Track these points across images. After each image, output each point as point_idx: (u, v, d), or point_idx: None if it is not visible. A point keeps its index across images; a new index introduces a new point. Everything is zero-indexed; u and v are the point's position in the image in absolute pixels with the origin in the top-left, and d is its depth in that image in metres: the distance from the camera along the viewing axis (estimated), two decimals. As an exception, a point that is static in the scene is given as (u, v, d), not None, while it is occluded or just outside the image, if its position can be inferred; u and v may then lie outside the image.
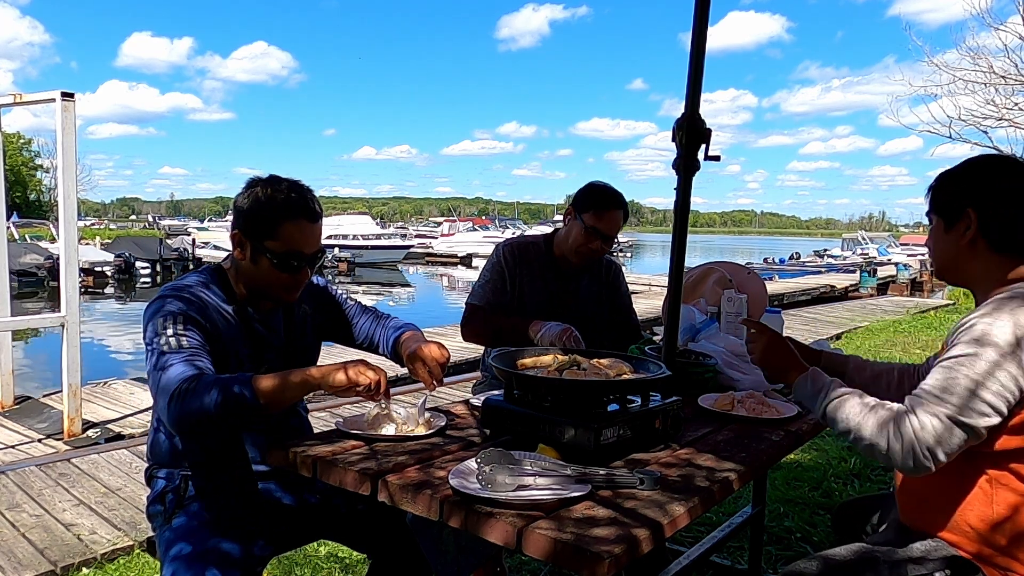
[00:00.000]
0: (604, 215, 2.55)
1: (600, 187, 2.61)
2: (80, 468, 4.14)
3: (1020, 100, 13.73)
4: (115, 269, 24.33)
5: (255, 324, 1.78)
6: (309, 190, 1.75)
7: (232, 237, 1.75)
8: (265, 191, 1.70)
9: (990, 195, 1.46)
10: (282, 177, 1.75)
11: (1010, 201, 1.45)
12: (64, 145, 4.75)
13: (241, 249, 1.74)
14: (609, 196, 2.58)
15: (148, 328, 1.63)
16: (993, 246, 1.47)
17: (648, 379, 1.65)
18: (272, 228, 1.69)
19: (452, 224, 50.39)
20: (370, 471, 1.40)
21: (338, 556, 2.93)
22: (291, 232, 1.70)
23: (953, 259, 1.54)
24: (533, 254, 2.66)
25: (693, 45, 2.04)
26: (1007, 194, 1.46)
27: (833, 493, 3.66)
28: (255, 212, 1.70)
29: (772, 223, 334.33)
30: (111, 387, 6.33)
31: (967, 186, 1.50)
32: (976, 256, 1.49)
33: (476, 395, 2.17)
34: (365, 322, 2.03)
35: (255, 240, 1.71)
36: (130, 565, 3.01)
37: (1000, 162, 1.53)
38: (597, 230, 2.54)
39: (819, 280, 20.97)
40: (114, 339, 13.66)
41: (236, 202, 1.75)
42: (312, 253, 1.74)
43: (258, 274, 1.73)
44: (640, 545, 1.14)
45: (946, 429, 1.32)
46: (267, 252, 1.70)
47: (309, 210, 1.72)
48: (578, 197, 2.61)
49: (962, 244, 1.49)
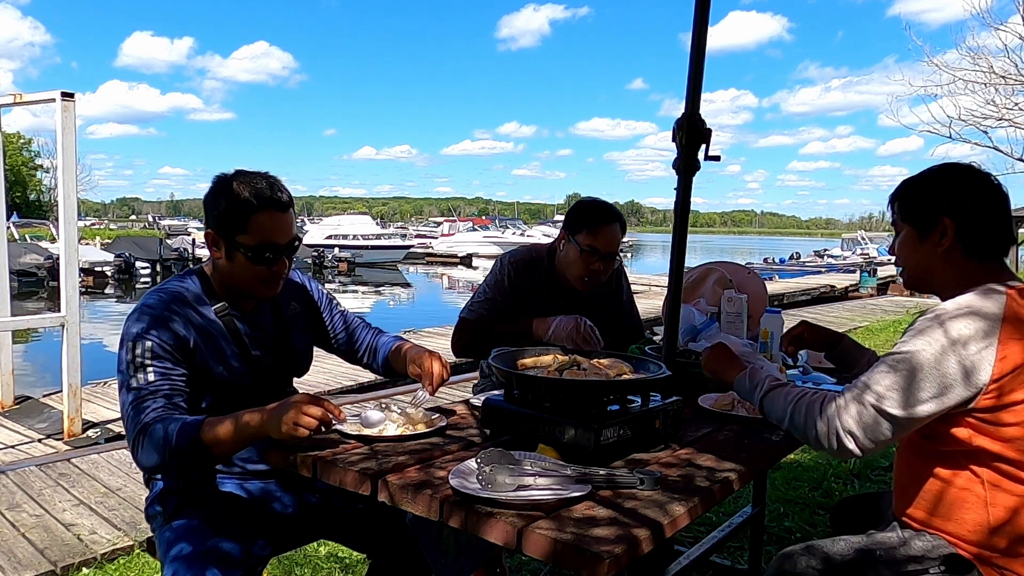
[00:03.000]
0: (599, 232, 2.38)
1: (590, 203, 2.47)
2: (80, 468, 4.14)
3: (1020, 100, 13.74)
4: (115, 269, 24.34)
5: (240, 324, 1.76)
6: (276, 180, 1.73)
7: (206, 237, 1.74)
8: (231, 186, 1.68)
9: (965, 204, 1.48)
10: (248, 170, 1.73)
11: (984, 209, 1.49)
12: (64, 145, 4.75)
13: (216, 248, 1.72)
14: (602, 210, 2.43)
15: (122, 351, 1.62)
16: (968, 254, 1.49)
17: (648, 379, 1.65)
18: (242, 222, 1.67)
19: (452, 224, 50.43)
20: (370, 471, 1.40)
21: (338, 556, 2.93)
22: (261, 223, 1.67)
23: (927, 268, 1.55)
24: (538, 272, 2.52)
25: (693, 45, 2.04)
26: (981, 203, 1.49)
27: (833, 493, 3.66)
28: (224, 208, 1.68)
29: (772, 223, 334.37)
30: (111, 387, 6.33)
31: (941, 196, 1.50)
32: (950, 264, 1.51)
33: (476, 395, 2.17)
34: (359, 331, 2.03)
35: (228, 237, 1.69)
36: (130, 565, 3.01)
37: (969, 171, 1.54)
38: (595, 249, 2.37)
39: (819, 280, 20.98)
40: (114, 339, 13.60)
41: (205, 200, 1.73)
42: (286, 243, 1.72)
43: (235, 271, 1.71)
44: (640, 545, 1.14)
45: (868, 415, 1.38)
46: (241, 247, 1.68)
47: (276, 200, 1.69)
48: (569, 218, 2.46)
49: (938, 253, 1.51)
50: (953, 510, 1.46)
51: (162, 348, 1.61)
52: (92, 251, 24.59)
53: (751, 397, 1.63)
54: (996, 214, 1.50)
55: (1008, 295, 1.42)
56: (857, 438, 1.38)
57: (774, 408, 1.54)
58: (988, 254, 1.50)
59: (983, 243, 1.49)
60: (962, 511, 1.45)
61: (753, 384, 1.62)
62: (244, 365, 1.74)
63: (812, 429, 1.44)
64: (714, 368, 1.77)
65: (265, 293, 1.76)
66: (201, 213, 2.06)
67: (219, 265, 1.74)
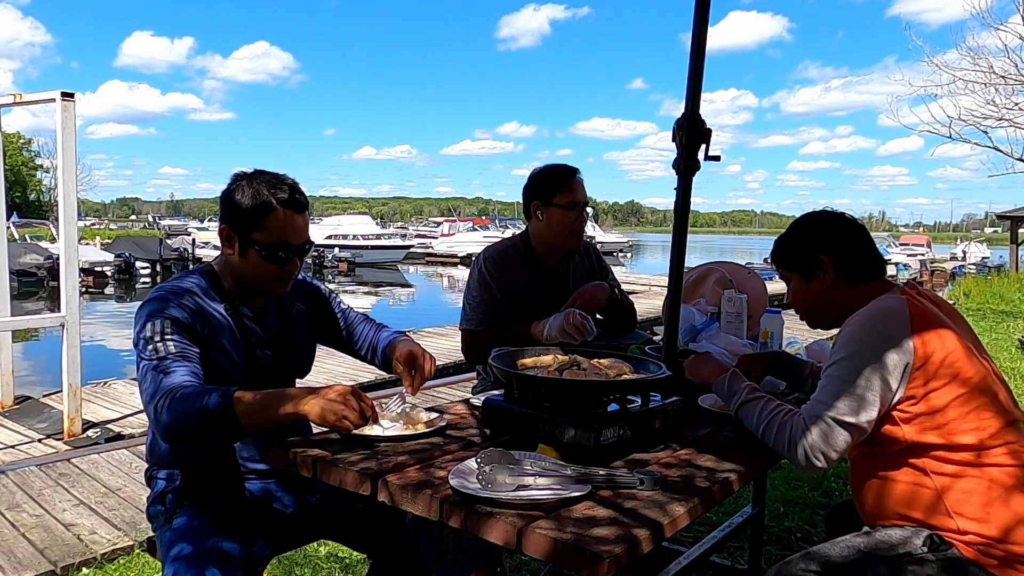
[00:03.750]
0: (571, 184, 2.51)
1: (550, 168, 2.57)
2: (80, 468, 4.14)
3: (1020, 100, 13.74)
4: (115, 269, 24.34)
5: (247, 321, 1.78)
6: (295, 182, 1.75)
7: (220, 233, 1.75)
8: (251, 183, 1.70)
9: (834, 239, 1.72)
10: (267, 170, 1.75)
11: (851, 238, 1.72)
12: (64, 145, 4.75)
13: (229, 244, 1.73)
14: (563, 168, 2.55)
15: (138, 331, 1.62)
16: (849, 280, 1.70)
17: (648, 379, 1.64)
18: (259, 219, 1.68)
19: (452, 224, 50.38)
20: (370, 471, 1.40)
21: (338, 556, 2.93)
22: (278, 222, 1.69)
23: (820, 304, 1.75)
24: (515, 258, 2.59)
25: (693, 45, 2.05)
26: (847, 234, 1.72)
27: (833, 493, 3.66)
28: (241, 205, 1.69)
29: (772, 223, 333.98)
30: (111, 387, 6.34)
31: (812, 238, 1.74)
32: (838, 294, 1.71)
33: (476, 395, 2.17)
34: (361, 326, 2.03)
35: (242, 233, 1.70)
36: (130, 565, 3.01)
37: (829, 214, 1.78)
38: (575, 201, 2.49)
39: (819, 280, 20.91)
40: (114, 339, 13.65)
41: (222, 196, 1.74)
42: (300, 244, 1.74)
43: (247, 268, 1.73)
44: (640, 545, 1.14)
45: (829, 428, 1.51)
46: (255, 244, 1.69)
47: (294, 200, 1.71)
48: (537, 189, 2.53)
49: (824, 288, 1.72)
50: (913, 504, 1.54)
51: (178, 326, 1.62)
52: (92, 251, 24.59)
53: (728, 402, 1.73)
54: (861, 242, 1.72)
55: (905, 297, 1.60)
56: (825, 454, 1.51)
57: (748, 419, 1.65)
58: (868, 276, 1.70)
59: (859, 267, 1.71)
60: (921, 502, 1.53)
61: (732, 391, 1.71)
62: (247, 362, 1.75)
63: (783, 447, 1.56)
64: (694, 372, 1.87)
65: (276, 291, 1.78)
66: (201, 213, 2.05)
67: (230, 262, 1.75)
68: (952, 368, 1.50)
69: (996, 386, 1.56)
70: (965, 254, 36.15)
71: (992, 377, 1.57)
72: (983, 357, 1.60)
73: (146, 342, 1.59)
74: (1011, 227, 22.67)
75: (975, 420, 1.50)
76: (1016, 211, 22.17)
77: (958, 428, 1.50)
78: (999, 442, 1.50)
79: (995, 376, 1.59)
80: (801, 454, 1.52)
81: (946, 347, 1.51)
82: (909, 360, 1.49)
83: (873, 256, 1.73)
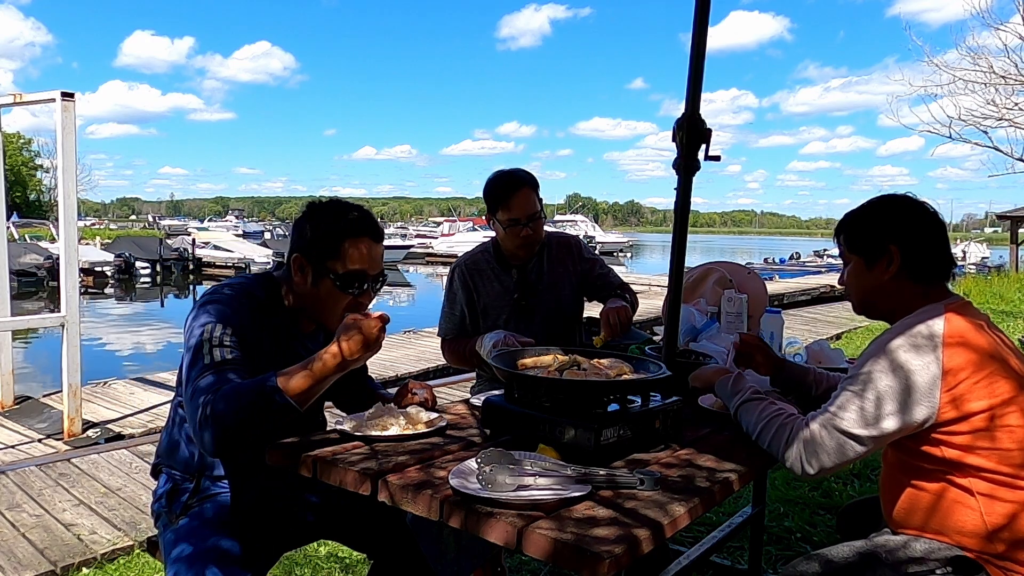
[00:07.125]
0: (511, 201, 2.44)
1: (495, 178, 2.50)
2: (80, 468, 4.14)
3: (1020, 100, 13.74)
4: (115, 269, 24.37)
5: (295, 344, 1.75)
6: (370, 210, 1.74)
7: (293, 261, 1.70)
8: (329, 212, 1.69)
9: (910, 231, 1.58)
10: (343, 200, 1.74)
11: (927, 235, 1.58)
12: (64, 145, 4.75)
13: (302, 274, 1.69)
14: (507, 181, 2.47)
15: (198, 328, 1.58)
16: (913, 278, 1.58)
17: (648, 379, 1.64)
18: (335, 248, 1.66)
19: (452, 224, 50.41)
20: (370, 471, 1.40)
21: (338, 556, 2.93)
22: (355, 251, 1.67)
23: (876, 294, 1.64)
24: (485, 265, 2.61)
25: (693, 45, 2.04)
26: (924, 229, 1.58)
27: (833, 493, 3.66)
28: (317, 233, 1.67)
29: (772, 223, 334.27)
30: (111, 387, 6.33)
31: (886, 225, 1.60)
32: (898, 289, 1.59)
33: (476, 395, 2.17)
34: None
35: (317, 262, 1.67)
36: (130, 565, 3.01)
37: (910, 201, 1.63)
38: (515, 220, 2.45)
39: (819, 280, 20.93)
40: (114, 339, 13.66)
41: (296, 225, 1.72)
42: (375, 275, 1.72)
43: (319, 297, 1.69)
44: (640, 545, 1.14)
45: (834, 441, 1.47)
46: (330, 273, 1.66)
47: (373, 229, 1.70)
48: (487, 199, 2.51)
49: (884, 279, 1.60)
50: (947, 519, 1.49)
51: (237, 334, 1.59)
52: (92, 251, 24.61)
53: (728, 401, 1.71)
54: (937, 239, 1.59)
55: (946, 316, 1.49)
56: (820, 462, 1.48)
57: (747, 419, 1.63)
58: (932, 278, 1.58)
59: (927, 267, 1.58)
60: (955, 520, 1.47)
61: (735, 390, 1.70)
62: None
63: (779, 449, 1.54)
64: (700, 381, 1.87)
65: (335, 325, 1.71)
66: (201, 213, 2.05)
67: (299, 291, 1.72)
68: (991, 390, 1.42)
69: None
70: (965, 254, 36.14)
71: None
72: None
73: (204, 343, 1.55)
74: (1011, 227, 22.66)
75: (1015, 440, 1.43)
76: (1016, 211, 22.16)
77: (1000, 447, 1.43)
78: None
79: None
80: (793, 456, 1.50)
81: (983, 369, 1.43)
82: (938, 385, 1.42)
83: (945, 256, 1.59)
